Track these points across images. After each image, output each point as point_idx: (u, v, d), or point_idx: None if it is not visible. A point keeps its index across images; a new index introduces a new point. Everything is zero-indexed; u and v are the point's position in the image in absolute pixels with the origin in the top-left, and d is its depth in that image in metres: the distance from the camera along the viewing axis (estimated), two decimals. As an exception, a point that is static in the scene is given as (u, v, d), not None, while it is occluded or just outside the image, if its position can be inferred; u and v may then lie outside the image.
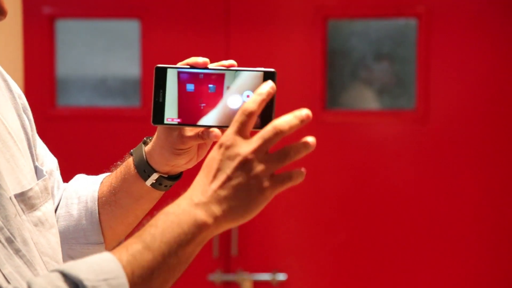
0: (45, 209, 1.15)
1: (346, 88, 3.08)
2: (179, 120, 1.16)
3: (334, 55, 3.03)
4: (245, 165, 1.00)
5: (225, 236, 3.01)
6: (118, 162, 1.32)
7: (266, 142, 1.01)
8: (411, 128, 2.98)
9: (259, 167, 1.01)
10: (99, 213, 1.29)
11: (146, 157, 1.24)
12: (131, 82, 3.10)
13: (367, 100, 3.07)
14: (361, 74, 3.07)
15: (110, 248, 1.32)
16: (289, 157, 1.06)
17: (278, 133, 1.02)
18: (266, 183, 1.02)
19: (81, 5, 3.10)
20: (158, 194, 1.29)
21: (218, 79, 1.15)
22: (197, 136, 1.18)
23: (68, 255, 1.29)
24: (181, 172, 1.29)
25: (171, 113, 1.16)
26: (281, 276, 3.00)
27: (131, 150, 1.28)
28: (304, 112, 1.04)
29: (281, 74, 1.15)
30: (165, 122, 1.17)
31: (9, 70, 1.39)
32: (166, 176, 1.26)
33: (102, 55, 3.15)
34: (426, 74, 2.94)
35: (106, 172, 1.36)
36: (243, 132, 1.01)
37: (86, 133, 3.06)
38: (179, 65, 1.17)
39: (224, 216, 0.99)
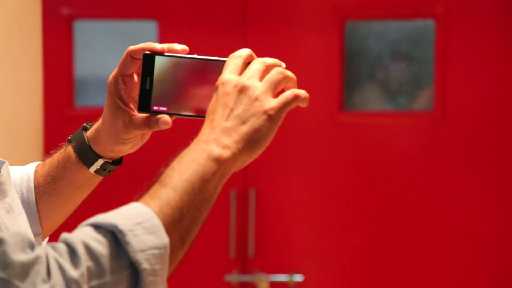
0: (12, 195, 1.12)
1: (363, 89, 3.08)
2: (164, 108, 1.15)
3: (351, 56, 3.03)
4: (243, 91, 1.02)
5: (242, 237, 3.01)
6: (52, 151, 1.29)
7: (257, 70, 1.05)
8: (428, 129, 2.97)
9: (258, 90, 1.02)
10: (36, 204, 1.25)
11: (89, 143, 1.22)
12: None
13: (384, 101, 3.07)
14: (378, 75, 3.07)
15: (45, 237, 1.29)
16: (285, 76, 1.06)
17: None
18: (269, 104, 1.02)
19: (99, 6, 3.11)
20: (98, 179, 1.27)
21: (207, 68, 1.15)
22: (143, 125, 1.17)
23: None
24: (122, 157, 1.27)
25: (157, 102, 1.15)
26: (298, 277, 3.00)
27: (69, 137, 1.25)
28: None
29: (298, 74, 1.15)
30: (152, 110, 1.16)
31: (29, 71, 1.40)
32: (111, 161, 1.24)
33: (120, 55, 3.15)
34: (444, 75, 2.93)
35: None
36: (235, 72, 1.05)
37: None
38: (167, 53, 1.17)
39: (237, 145, 0.99)
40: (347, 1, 3.00)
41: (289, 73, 1.06)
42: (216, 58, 1.16)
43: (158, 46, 1.17)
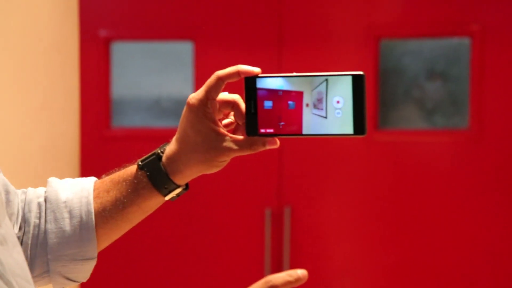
0: (5, 226, 1.05)
1: (399, 107, 3.07)
2: (271, 130, 1.15)
3: (386, 74, 3.03)
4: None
5: (277, 256, 3.01)
6: (112, 171, 1.27)
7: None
8: (464, 147, 2.95)
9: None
10: (96, 227, 1.21)
11: (166, 173, 1.20)
12: (184, 103, 3.13)
13: (419, 119, 3.05)
14: (413, 93, 3.06)
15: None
16: None
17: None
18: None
19: (136, 28, 3.15)
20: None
21: (303, 85, 1.15)
22: (247, 147, 1.16)
23: (59, 273, 1.21)
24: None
25: (263, 124, 1.15)
26: (334, 296, 2.99)
27: (139, 163, 1.23)
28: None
29: (332, 94, 1.16)
30: (259, 133, 1.15)
31: (66, 92, 1.42)
32: (185, 187, 1.22)
33: (156, 76, 3.19)
34: (480, 93, 2.91)
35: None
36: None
37: (141, 154, 3.09)
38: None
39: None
40: (382, 20, 3.01)
41: None
42: (312, 74, 1.15)
43: (248, 68, 1.16)
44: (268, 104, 1.15)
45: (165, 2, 3.10)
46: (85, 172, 3.10)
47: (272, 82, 1.16)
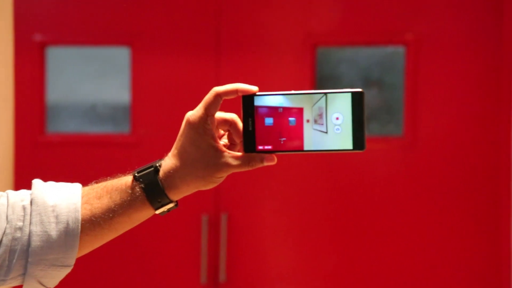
0: None
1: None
2: (269, 147, 1.17)
3: (323, 82, 3.05)
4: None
5: (213, 262, 3.01)
6: (101, 179, 1.26)
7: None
8: (399, 154, 2.99)
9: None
10: (82, 233, 1.22)
11: (163, 188, 1.20)
12: (121, 109, 3.11)
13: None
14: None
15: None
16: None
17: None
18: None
19: (72, 33, 3.11)
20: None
21: (299, 102, 1.17)
22: (245, 163, 1.19)
23: (36, 277, 1.21)
24: None
25: (261, 141, 1.17)
26: (271, 303, 3.00)
27: (136, 174, 1.22)
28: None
29: (268, 100, 1.17)
30: (257, 150, 1.17)
31: (0, 96, 1.40)
32: (176, 203, 1.24)
33: (92, 81, 3.16)
34: (414, 101, 2.96)
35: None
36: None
37: (76, 160, 3.06)
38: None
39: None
40: (319, 28, 3.03)
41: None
42: (308, 91, 1.17)
43: (246, 86, 1.17)
44: (268, 121, 1.17)
45: (102, 6, 3.08)
46: (19, 177, 3.05)
47: (272, 100, 1.18)
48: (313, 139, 1.16)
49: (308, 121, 1.16)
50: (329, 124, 1.15)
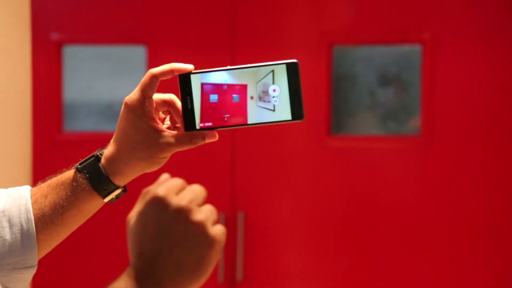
0: None
1: (351, 113, 3.10)
2: (209, 124, 1.17)
3: (339, 81, 3.05)
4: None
5: (230, 261, 3.01)
6: (47, 178, 1.25)
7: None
8: (416, 153, 2.99)
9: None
10: (36, 233, 1.21)
11: (107, 174, 1.20)
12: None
13: (371, 125, 3.08)
14: (366, 99, 3.09)
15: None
16: None
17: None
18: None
19: (89, 32, 3.13)
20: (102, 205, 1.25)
21: (238, 77, 1.19)
22: (187, 141, 1.18)
23: (1, 283, 1.20)
24: None
25: (201, 119, 1.17)
26: (287, 301, 3.00)
27: (78, 166, 1.21)
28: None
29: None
30: (198, 128, 1.17)
31: (18, 95, 1.40)
32: (124, 189, 1.23)
33: (109, 80, 3.17)
34: (431, 99, 2.95)
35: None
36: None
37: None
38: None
39: None
40: (335, 26, 3.03)
41: None
42: (246, 65, 1.19)
43: (181, 65, 1.20)
44: (213, 97, 1.17)
45: (118, 6, 3.09)
46: (37, 176, 3.07)
47: (217, 77, 1.19)
48: (257, 114, 1.16)
49: (252, 97, 1.16)
50: (270, 97, 1.16)
